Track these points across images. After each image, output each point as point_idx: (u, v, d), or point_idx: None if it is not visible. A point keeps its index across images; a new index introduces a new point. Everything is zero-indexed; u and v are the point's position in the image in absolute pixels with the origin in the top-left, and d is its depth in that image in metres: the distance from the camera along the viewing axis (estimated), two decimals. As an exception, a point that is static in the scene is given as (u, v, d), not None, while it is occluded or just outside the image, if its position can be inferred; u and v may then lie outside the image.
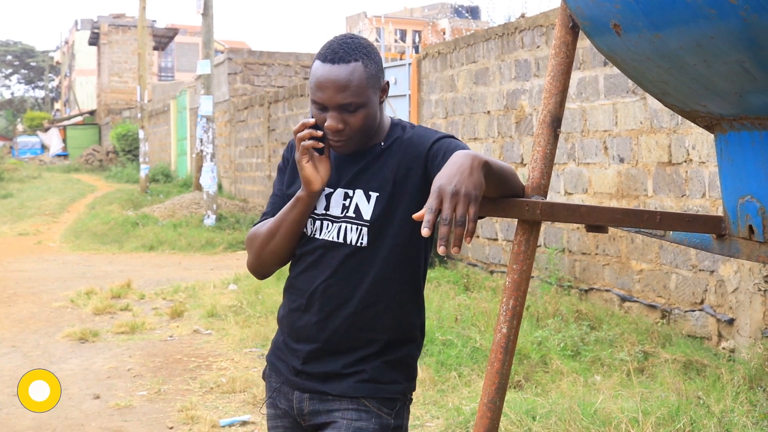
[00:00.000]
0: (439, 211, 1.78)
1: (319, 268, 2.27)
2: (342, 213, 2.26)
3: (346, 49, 2.16)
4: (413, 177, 2.22)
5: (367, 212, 2.23)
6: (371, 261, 2.23)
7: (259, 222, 2.38)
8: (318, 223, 2.28)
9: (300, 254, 2.31)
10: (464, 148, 2.16)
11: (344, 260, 2.24)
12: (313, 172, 2.19)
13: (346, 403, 2.25)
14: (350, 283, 2.24)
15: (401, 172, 2.23)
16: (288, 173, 2.40)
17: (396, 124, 2.32)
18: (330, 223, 2.27)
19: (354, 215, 2.24)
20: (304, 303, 2.29)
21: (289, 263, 2.37)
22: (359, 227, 2.23)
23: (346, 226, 2.24)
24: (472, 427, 2.15)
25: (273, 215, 2.35)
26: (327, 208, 2.28)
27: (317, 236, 2.28)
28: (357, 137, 2.20)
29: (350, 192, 2.26)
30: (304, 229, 2.30)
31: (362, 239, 2.22)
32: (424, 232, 1.76)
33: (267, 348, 6.89)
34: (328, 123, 2.15)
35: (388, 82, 2.27)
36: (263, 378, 2.47)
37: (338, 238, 2.25)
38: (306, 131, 2.17)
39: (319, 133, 2.16)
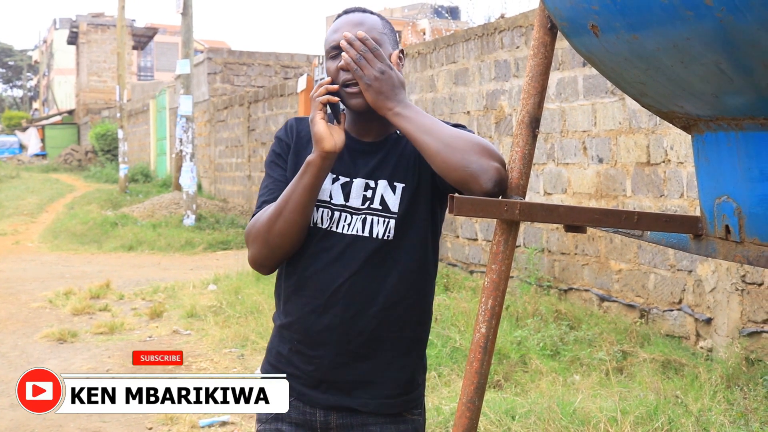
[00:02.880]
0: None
1: (341, 264, 2.12)
2: (364, 205, 2.14)
3: (362, 8, 2.22)
4: (428, 166, 2.12)
5: (394, 204, 2.14)
6: (397, 255, 2.14)
7: (258, 211, 2.18)
8: (337, 215, 2.14)
9: (316, 250, 2.14)
10: None
11: (371, 255, 2.12)
12: (326, 130, 2.05)
13: (381, 416, 2.17)
14: (376, 279, 2.13)
15: (420, 161, 2.16)
16: (291, 159, 2.23)
17: None
18: (349, 216, 2.14)
19: (380, 207, 2.14)
20: (322, 303, 2.13)
21: (296, 262, 2.18)
22: (386, 220, 2.13)
23: (372, 219, 2.14)
24: (452, 426, 2.15)
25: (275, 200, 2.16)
26: (346, 198, 2.15)
27: (335, 230, 2.14)
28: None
29: (372, 183, 2.16)
30: (319, 223, 2.15)
31: (389, 232, 2.13)
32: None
33: (247, 348, 6.91)
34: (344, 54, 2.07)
35: (402, 51, 2.21)
36: None
37: (363, 231, 2.13)
38: (322, 89, 2.08)
39: (335, 87, 2.09)
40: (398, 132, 2.20)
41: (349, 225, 2.14)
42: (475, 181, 1.99)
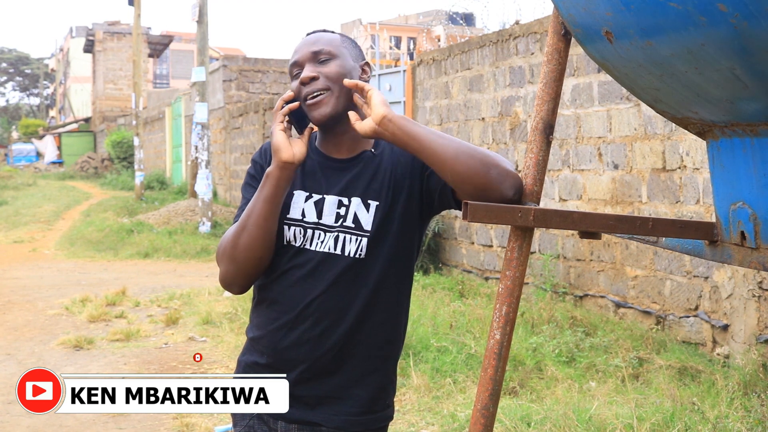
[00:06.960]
0: None
1: (313, 281, 2.12)
2: (337, 222, 2.13)
3: (322, 29, 2.25)
4: (407, 185, 2.16)
5: (367, 222, 2.12)
6: (368, 273, 2.12)
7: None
8: (309, 232, 2.14)
9: (288, 267, 2.15)
10: None
11: (342, 273, 2.11)
12: (285, 140, 2.07)
13: None
14: (347, 296, 2.11)
15: (396, 180, 2.16)
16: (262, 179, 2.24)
17: None
18: (323, 233, 2.13)
19: (353, 225, 2.12)
20: (292, 319, 2.14)
21: (268, 278, 2.20)
22: (358, 238, 2.11)
23: (344, 237, 2.12)
24: (467, 433, 2.15)
25: None
26: (319, 216, 2.14)
27: (308, 247, 2.13)
28: (333, 92, 2.12)
29: (345, 200, 2.14)
30: (292, 241, 2.15)
31: (361, 251, 2.11)
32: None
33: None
34: (303, 74, 2.13)
35: (368, 63, 2.24)
36: None
37: (335, 249, 2.12)
38: (282, 102, 2.14)
39: (296, 104, 2.13)
40: (373, 150, 2.20)
41: (322, 242, 2.14)
42: (496, 187, 2.00)
